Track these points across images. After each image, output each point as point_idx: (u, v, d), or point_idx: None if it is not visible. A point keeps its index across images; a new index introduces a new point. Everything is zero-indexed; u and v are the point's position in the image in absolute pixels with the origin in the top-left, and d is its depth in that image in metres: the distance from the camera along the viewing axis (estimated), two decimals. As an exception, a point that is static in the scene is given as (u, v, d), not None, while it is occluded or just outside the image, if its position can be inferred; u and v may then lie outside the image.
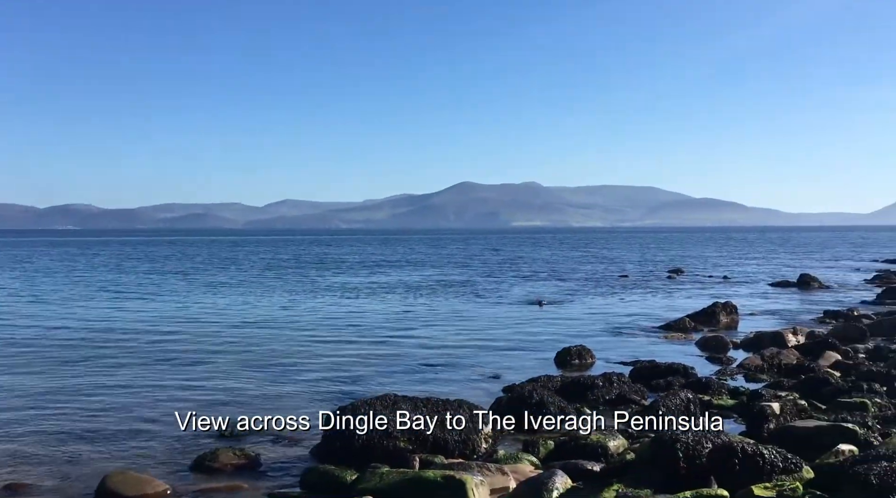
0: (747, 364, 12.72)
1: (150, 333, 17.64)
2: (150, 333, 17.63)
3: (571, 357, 13.72)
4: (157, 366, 13.38)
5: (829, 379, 10.64)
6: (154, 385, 11.66)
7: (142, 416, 9.70)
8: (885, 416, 8.37)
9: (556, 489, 6.14)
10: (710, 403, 9.80)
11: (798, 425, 7.49)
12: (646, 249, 78.17)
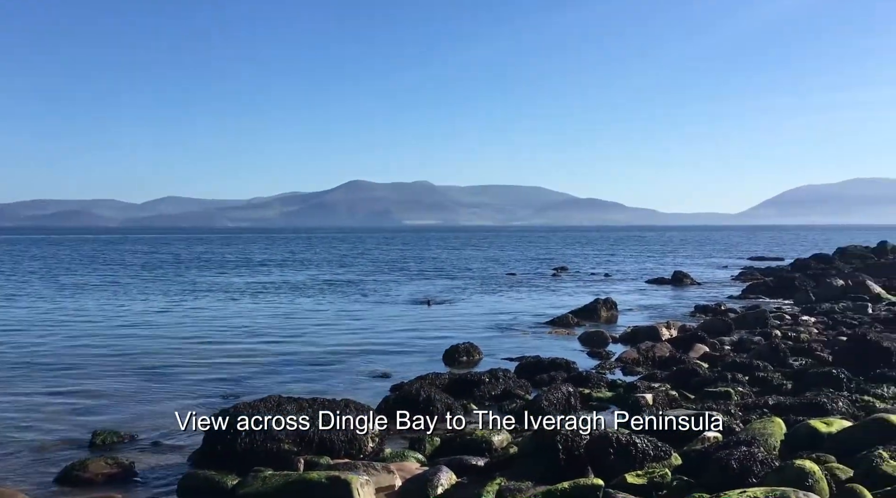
0: (625, 358, 13.29)
1: (12, 339, 16.49)
2: (11, 339, 16.48)
3: (459, 354, 13.89)
4: (21, 372, 12.52)
5: (698, 370, 11.29)
6: (18, 393, 10.91)
7: (3, 424, 9.06)
8: (746, 404, 8.96)
9: (440, 485, 6.21)
10: (589, 396, 10.19)
11: (668, 415, 7.89)
12: (533, 248, 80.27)
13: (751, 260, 52.56)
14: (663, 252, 69.57)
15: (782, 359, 12.07)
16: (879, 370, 10.46)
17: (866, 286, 23.51)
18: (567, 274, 39.45)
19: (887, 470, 5.38)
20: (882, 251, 35.78)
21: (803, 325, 17.05)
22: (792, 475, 4.97)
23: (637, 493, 5.63)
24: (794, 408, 8.44)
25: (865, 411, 8.18)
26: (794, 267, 34.76)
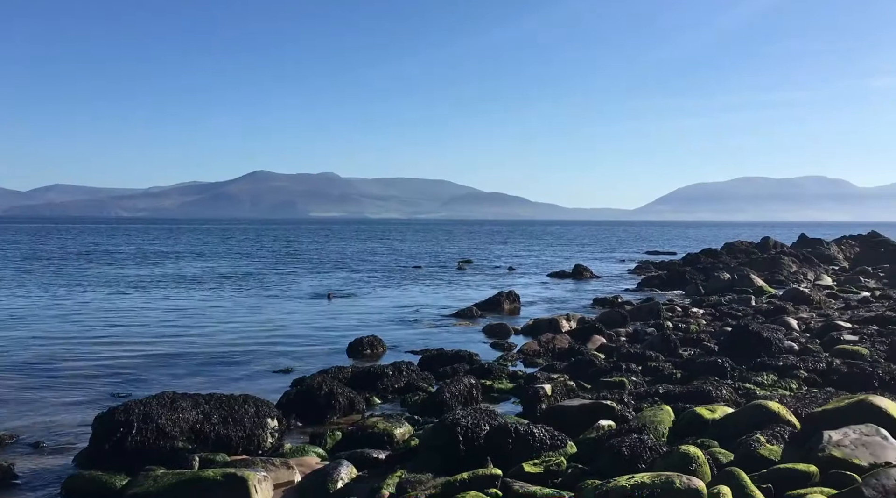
0: (526, 349, 13.57)
1: None
2: None
3: (363, 348, 13.82)
4: None
5: (595, 361, 11.66)
6: None
7: None
8: (638, 392, 9.33)
9: (340, 480, 6.17)
10: (491, 388, 10.36)
11: (565, 404, 8.12)
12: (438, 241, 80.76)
13: (646, 254, 54.74)
14: (565, 246, 71.46)
15: (673, 349, 12.61)
16: (760, 359, 11.09)
17: (750, 279, 24.92)
18: (471, 267, 39.92)
19: (763, 453, 5.73)
20: (765, 246, 37.92)
21: (693, 316, 17.87)
22: (677, 460, 5.21)
23: (534, 481, 5.77)
24: (682, 396, 8.85)
25: (747, 398, 8.66)
26: (685, 261, 36.39)
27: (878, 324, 14.76)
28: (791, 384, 9.95)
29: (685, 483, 4.15)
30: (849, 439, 5.44)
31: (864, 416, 5.95)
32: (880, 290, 23.12)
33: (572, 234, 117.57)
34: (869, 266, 32.32)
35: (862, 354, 11.49)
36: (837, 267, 34.91)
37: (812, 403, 7.63)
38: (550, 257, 51.02)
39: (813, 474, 5.02)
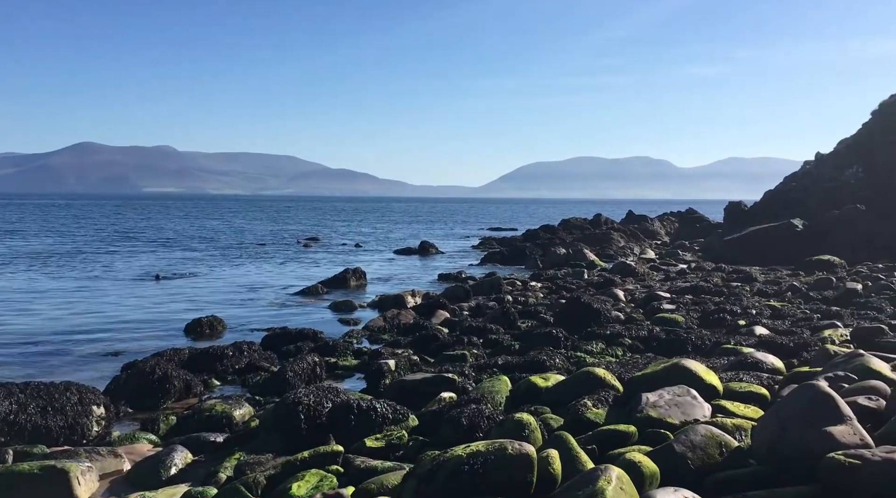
0: (371, 325, 13.62)
1: None
2: None
3: (202, 328, 13.30)
4: None
5: (438, 335, 11.90)
6: None
7: None
8: (479, 364, 9.64)
9: (174, 466, 5.92)
10: (336, 365, 10.31)
11: (408, 379, 8.25)
12: (283, 218, 78.90)
13: (490, 231, 56.47)
14: (412, 223, 72.16)
15: (512, 322, 13.11)
16: (590, 329, 11.79)
17: (583, 254, 26.40)
18: (318, 244, 39.39)
19: (590, 417, 6.12)
20: (597, 223, 40.21)
21: (531, 290, 18.68)
22: (511, 428, 5.45)
23: (376, 455, 5.82)
24: (519, 366, 9.24)
25: (577, 366, 9.19)
26: (525, 237, 37.87)
27: (693, 293, 16.12)
28: (617, 351, 10.64)
29: (517, 449, 4.35)
30: (664, 400, 5.92)
31: (677, 378, 6.48)
32: (695, 262, 25.23)
33: (419, 212, 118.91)
34: (686, 240, 35.19)
35: (678, 321, 12.50)
36: (660, 241, 37.74)
37: (634, 368, 8.22)
38: (397, 234, 51.36)
39: (632, 434, 5.42)
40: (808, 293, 15.55)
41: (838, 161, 31.91)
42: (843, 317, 12.23)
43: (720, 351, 9.84)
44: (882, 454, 4.27)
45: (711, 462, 4.83)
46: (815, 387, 4.87)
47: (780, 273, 20.52)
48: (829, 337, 10.20)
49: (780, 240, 25.02)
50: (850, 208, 25.51)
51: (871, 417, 5.45)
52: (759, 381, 7.45)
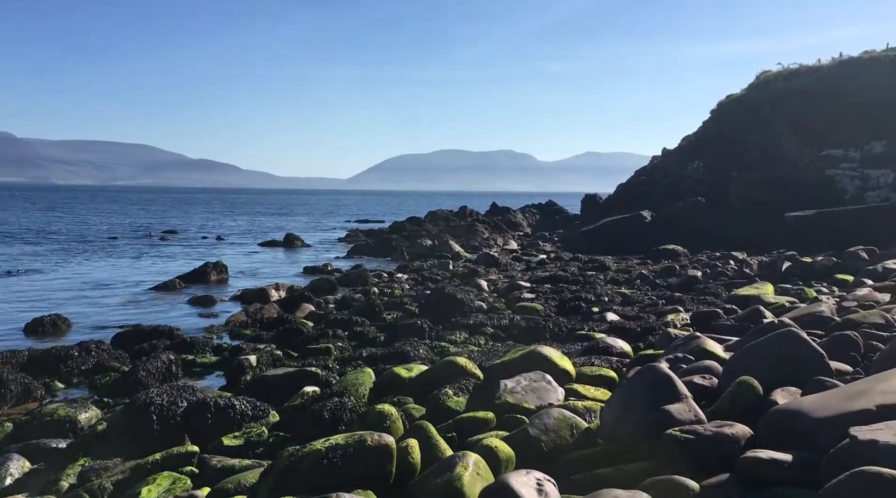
0: (233, 321, 13.21)
1: None
2: None
3: (44, 328, 12.42)
4: None
5: (303, 329, 11.72)
6: None
7: None
8: (344, 357, 9.60)
9: (10, 475, 5.50)
10: (193, 362, 9.93)
11: (270, 374, 8.09)
12: (138, 210, 74.80)
13: (357, 223, 56.16)
14: (277, 215, 70.50)
15: (378, 313, 13.13)
16: (454, 319, 12.02)
17: (449, 245, 26.84)
18: (175, 237, 37.66)
19: (451, 405, 6.26)
20: (462, 215, 40.98)
21: (397, 282, 18.77)
22: (373, 419, 5.48)
23: (235, 454, 5.67)
24: (384, 358, 9.29)
25: (441, 355, 9.35)
26: (392, 229, 37.98)
27: (552, 283, 16.79)
28: (480, 340, 10.92)
29: (376, 440, 4.38)
30: (521, 386, 6.14)
31: (534, 364, 6.75)
32: (555, 252, 26.28)
33: (285, 203, 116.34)
34: (547, 232, 36.58)
35: (538, 309, 12.98)
36: (522, 233, 38.99)
37: (495, 356, 8.48)
38: (262, 226, 50.02)
39: (490, 420, 5.59)
40: (655, 281, 16.58)
41: (682, 156, 34.22)
42: (685, 302, 13.15)
43: (575, 337, 10.33)
44: (712, 428, 4.64)
45: (563, 443, 5.07)
46: (655, 369, 5.22)
47: (631, 262, 21.75)
48: (671, 321, 10.94)
49: (632, 230, 26.52)
50: (692, 200, 27.42)
51: (705, 395, 5.90)
52: (609, 364, 7.89)
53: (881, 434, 3.45)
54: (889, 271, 13.21)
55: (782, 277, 15.55)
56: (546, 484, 3.83)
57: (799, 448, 4.26)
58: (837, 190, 27.67)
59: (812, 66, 33.66)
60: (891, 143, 27.52)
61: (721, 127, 33.51)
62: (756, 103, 32.68)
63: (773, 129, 30.45)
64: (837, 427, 3.94)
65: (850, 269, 15.15)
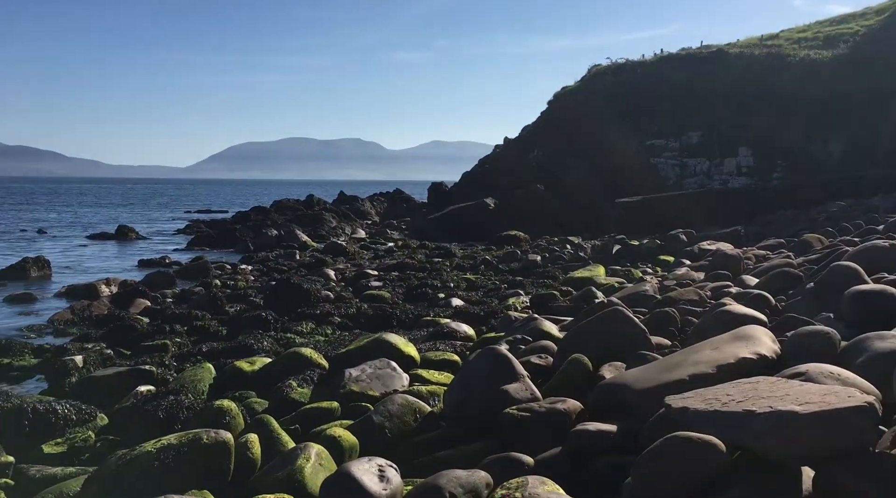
0: (56, 319, 12.25)
1: None
2: None
3: None
4: None
5: (137, 325, 11.07)
6: None
7: None
8: (182, 353, 9.17)
9: None
10: (10, 366, 9.10)
11: (98, 375, 7.59)
12: (-56, 201, 67.39)
13: (198, 213, 53.70)
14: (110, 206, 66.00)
15: (220, 307, 12.65)
16: (301, 309, 11.81)
17: (296, 235, 26.31)
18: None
19: (295, 397, 6.17)
20: (309, 204, 40.26)
21: (241, 273, 18.16)
22: (211, 416, 5.29)
23: (57, 462, 5.27)
24: (225, 352, 8.96)
25: (286, 347, 9.16)
26: (235, 219, 36.67)
27: (399, 270, 16.92)
28: (327, 330, 10.80)
29: (212, 437, 4.23)
30: (366, 374, 6.15)
31: (379, 352, 6.79)
32: (402, 240, 26.49)
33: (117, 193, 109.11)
34: (395, 220, 36.77)
35: (385, 297, 13.05)
36: (370, 221, 38.93)
37: (341, 345, 8.43)
38: (90, 218, 46.63)
39: (335, 410, 5.56)
40: (498, 266, 17.16)
41: (523, 145, 35.57)
42: (525, 286, 13.71)
43: (421, 323, 10.49)
44: (546, 405, 4.88)
45: (407, 428, 5.14)
46: (493, 350, 5.40)
47: (476, 248, 22.36)
48: (512, 304, 11.38)
49: (476, 217, 27.26)
50: (532, 188, 28.59)
51: (542, 373, 6.19)
52: (454, 348, 8.09)
53: (691, 401, 3.76)
54: (704, 252, 14.44)
55: (613, 259, 16.59)
56: (388, 470, 3.87)
57: (624, 418, 4.58)
58: (661, 177, 29.89)
59: (637, 61, 36.04)
60: (706, 134, 30.07)
61: (558, 117, 35.13)
62: (588, 95, 34.55)
63: (604, 120, 32.31)
64: (656, 397, 4.25)
65: (671, 250, 16.43)
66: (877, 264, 7.50)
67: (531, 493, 3.57)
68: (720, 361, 4.72)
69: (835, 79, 27.80)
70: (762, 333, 5.18)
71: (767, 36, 34.93)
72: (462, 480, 3.77)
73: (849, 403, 3.12)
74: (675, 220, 20.91)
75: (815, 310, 6.32)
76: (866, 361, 4.33)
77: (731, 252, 12.01)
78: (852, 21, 33.99)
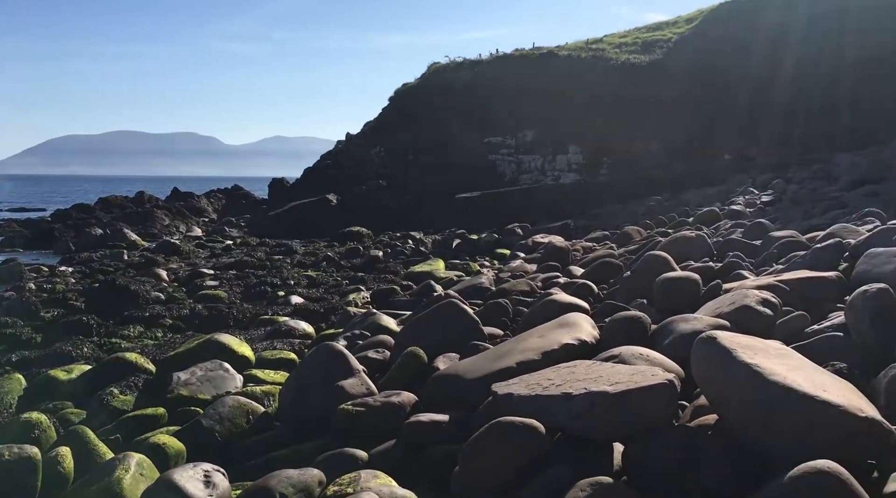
0: None
1: None
2: None
3: None
4: None
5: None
6: None
7: None
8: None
9: None
10: None
11: None
12: None
13: (10, 211, 49.05)
14: None
15: (34, 312, 11.64)
16: (128, 312, 11.11)
17: (124, 234, 24.71)
18: None
19: (116, 404, 5.80)
20: (140, 201, 37.95)
21: (61, 275, 16.80)
22: (18, 430, 4.85)
23: None
24: (39, 360, 8.27)
25: (111, 353, 8.59)
26: (54, 218, 33.91)
27: (237, 268, 16.35)
28: (157, 333, 10.23)
29: (16, 453, 3.88)
30: (196, 377, 5.90)
31: (211, 353, 6.53)
32: (242, 238, 25.64)
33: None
34: (234, 217, 35.50)
35: (221, 297, 12.56)
36: (207, 219, 37.34)
37: (171, 348, 8.03)
38: None
39: (161, 416, 5.29)
40: (340, 262, 17.02)
41: (365, 141, 35.51)
42: (367, 281, 13.71)
43: (259, 322, 10.20)
44: (381, 399, 4.91)
45: (239, 431, 4.99)
46: (328, 347, 5.36)
47: (319, 245, 22.05)
48: (353, 300, 11.34)
49: (318, 214, 26.90)
50: (374, 184, 28.64)
51: (379, 368, 6.22)
52: (292, 347, 7.93)
53: (516, 387, 3.93)
54: (537, 244, 15.12)
55: (453, 253, 16.99)
56: (215, 475, 3.73)
57: (457, 408, 4.70)
58: (498, 173, 30.94)
59: (474, 60, 37.05)
60: (539, 132, 31.47)
61: (399, 114, 35.40)
62: (428, 92, 35.08)
63: (444, 117, 32.95)
64: (486, 385, 4.40)
65: (508, 243, 17.07)
66: (685, 253, 8.21)
67: (363, 487, 3.58)
68: (545, 347, 4.96)
69: (651, 82, 30.02)
70: (584, 320, 5.50)
71: (592, 40, 37.08)
72: (293, 479, 3.71)
73: (652, 381, 3.38)
74: (512, 214, 21.74)
75: (632, 296, 6.80)
76: (672, 341, 4.72)
77: (560, 245, 12.65)
78: (666, 28, 36.84)
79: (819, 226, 8.94)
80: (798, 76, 26.69)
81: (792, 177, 18.63)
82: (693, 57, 30.67)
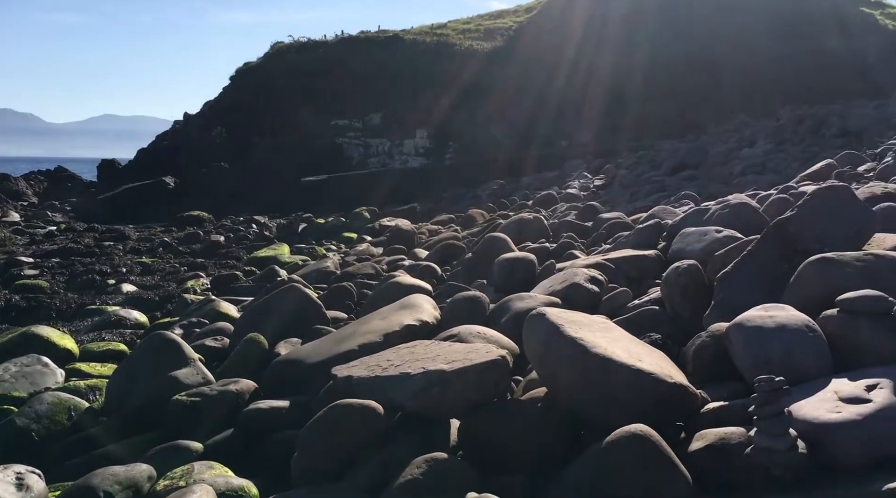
0: None
1: None
2: None
3: None
4: None
5: None
6: None
7: None
8: None
9: None
10: None
11: None
12: None
13: None
14: None
15: None
16: (-71, 306, 10.01)
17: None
18: None
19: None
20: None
21: None
22: None
23: None
24: None
25: None
26: None
27: (61, 256, 15.14)
28: (-35, 328, 9.31)
29: None
30: (9, 373, 5.42)
31: (28, 347, 6.02)
32: (67, 223, 23.75)
33: None
34: (57, 201, 32.79)
35: (42, 286, 11.59)
36: (27, 202, 34.24)
37: (-19, 344, 7.31)
38: None
39: (-33, 418, 4.82)
40: (179, 248, 16.20)
41: (204, 122, 33.94)
42: (207, 267, 13.15)
43: (85, 312, 9.53)
44: (218, 388, 4.74)
45: (60, 428, 4.64)
46: (160, 336, 5.10)
47: (155, 230, 20.85)
48: (191, 287, 10.84)
49: (154, 197, 25.46)
50: (215, 166, 27.48)
51: (218, 356, 6.00)
52: (122, 338, 7.48)
53: (356, 370, 3.93)
54: (384, 228, 15.15)
55: (298, 237, 16.65)
56: (29, 476, 3.45)
57: (298, 394, 4.63)
58: (346, 156, 30.65)
59: (319, 41, 36.34)
60: (386, 116, 31.45)
61: (241, 94, 34.09)
62: (271, 72, 34.02)
63: (288, 99, 32.10)
64: (328, 369, 4.36)
65: (355, 227, 16.96)
66: (524, 235, 8.54)
67: (196, 479, 3.45)
68: (387, 329, 5.00)
69: (493, 68, 30.82)
70: (425, 301, 5.59)
71: (437, 25, 37.47)
72: (119, 476, 3.51)
73: (486, 358, 3.50)
74: (360, 197, 21.63)
75: (473, 277, 6.99)
76: (508, 319, 4.91)
77: (406, 228, 12.76)
78: (507, 17, 37.92)
79: (643, 208, 9.60)
80: (623, 64, 28.45)
81: (622, 162, 19.85)
82: (531, 45, 31.79)
